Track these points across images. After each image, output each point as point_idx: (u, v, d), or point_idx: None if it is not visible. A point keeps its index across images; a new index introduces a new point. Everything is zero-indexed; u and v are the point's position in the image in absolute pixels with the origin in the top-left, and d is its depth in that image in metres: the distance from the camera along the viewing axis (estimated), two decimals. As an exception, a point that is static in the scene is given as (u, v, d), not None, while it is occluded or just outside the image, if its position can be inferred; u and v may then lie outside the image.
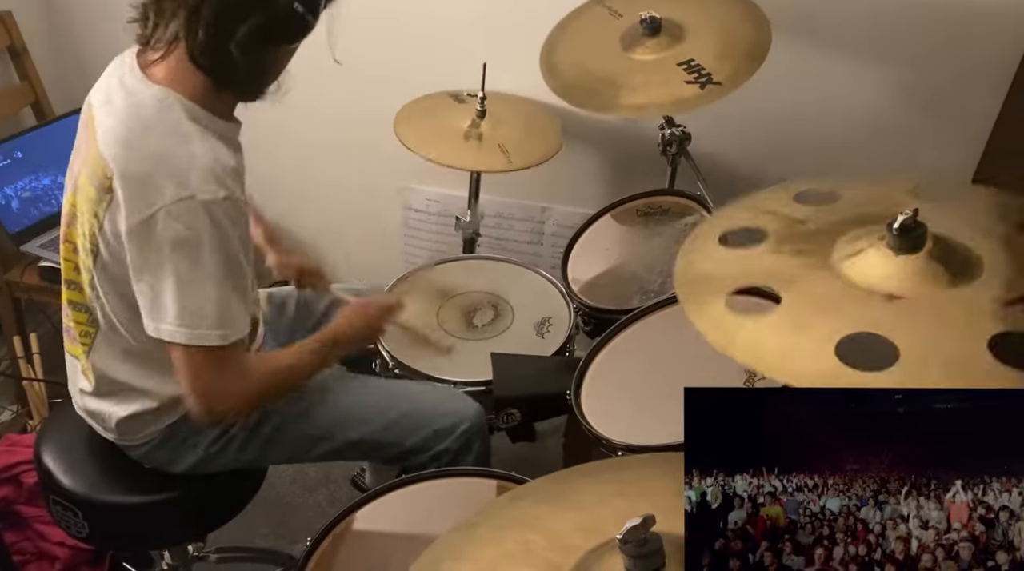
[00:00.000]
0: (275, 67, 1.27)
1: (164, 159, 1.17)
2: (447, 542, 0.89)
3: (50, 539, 1.78)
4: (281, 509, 2.12)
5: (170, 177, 1.16)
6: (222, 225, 1.18)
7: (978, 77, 1.83)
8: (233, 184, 1.21)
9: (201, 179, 1.17)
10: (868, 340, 0.84)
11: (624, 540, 0.73)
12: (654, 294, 1.69)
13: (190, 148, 1.19)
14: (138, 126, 1.20)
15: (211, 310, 1.20)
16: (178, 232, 1.16)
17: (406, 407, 1.50)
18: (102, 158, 1.21)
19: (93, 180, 1.22)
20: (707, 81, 1.58)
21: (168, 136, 1.19)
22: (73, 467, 1.45)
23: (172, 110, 1.20)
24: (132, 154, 1.18)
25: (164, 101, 1.21)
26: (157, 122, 1.20)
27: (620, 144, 2.13)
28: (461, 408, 1.50)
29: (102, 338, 1.34)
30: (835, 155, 2.00)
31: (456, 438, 1.47)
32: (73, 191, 1.30)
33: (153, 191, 1.16)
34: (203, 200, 1.16)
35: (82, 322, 1.35)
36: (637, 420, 1.36)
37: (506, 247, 2.31)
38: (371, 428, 1.48)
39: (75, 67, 2.45)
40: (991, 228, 0.98)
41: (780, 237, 1.02)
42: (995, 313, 0.84)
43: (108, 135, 1.21)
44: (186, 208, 1.16)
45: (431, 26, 2.11)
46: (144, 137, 1.19)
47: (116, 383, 1.36)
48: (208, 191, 1.17)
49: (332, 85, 2.03)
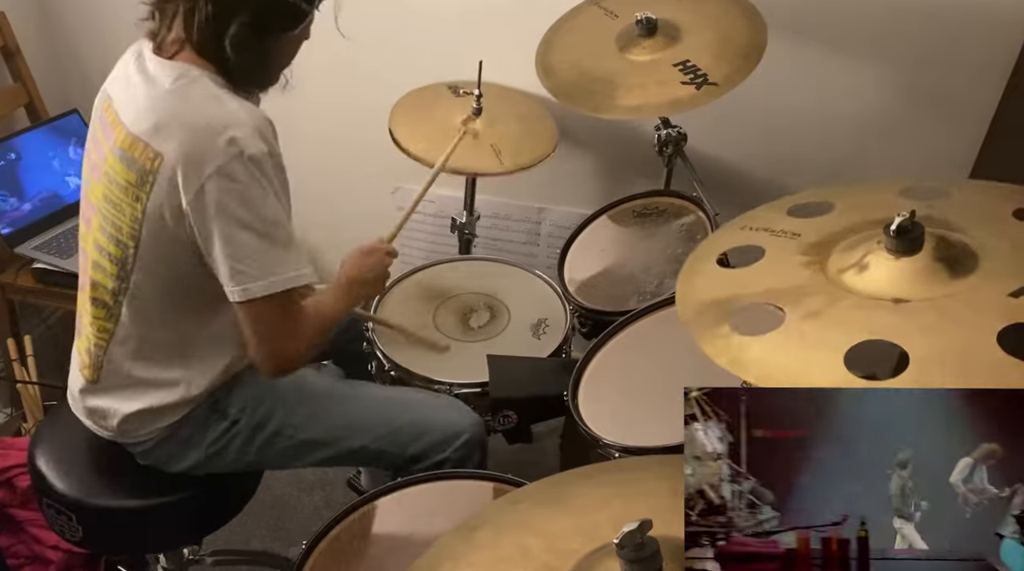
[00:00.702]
0: (282, 56, 1.30)
1: (206, 123, 1.19)
2: (444, 545, 0.89)
3: (44, 543, 1.77)
4: (277, 511, 2.11)
5: (217, 137, 1.18)
6: (272, 179, 1.22)
7: (975, 75, 1.83)
8: (274, 140, 1.24)
9: (247, 135, 1.19)
10: (876, 347, 0.84)
11: (621, 545, 0.73)
12: (650, 295, 1.68)
13: (228, 107, 1.21)
14: (171, 100, 1.22)
15: (279, 258, 1.23)
16: (233, 189, 1.18)
17: (407, 416, 1.50)
18: (139, 141, 1.22)
19: (131, 165, 1.23)
20: (703, 82, 1.58)
21: (203, 101, 1.21)
22: (67, 470, 1.44)
23: (199, 79, 1.23)
24: (173, 128, 1.20)
25: (188, 74, 1.23)
26: (189, 92, 1.22)
27: (616, 145, 2.13)
28: (461, 418, 1.50)
29: (122, 332, 1.34)
30: (832, 154, 2.00)
31: (456, 448, 1.47)
32: (102, 183, 1.29)
33: (202, 157, 1.18)
34: (251, 154, 1.18)
35: (100, 317, 1.35)
36: (634, 422, 1.36)
37: (502, 248, 2.30)
38: (372, 436, 1.48)
39: (69, 68, 2.43)
40: (984, 219, 0.98)
41: (778, 252, 1.02)
42: (1000, 306, 0.84)
43: (142, 117, 1.23)
44: (239, 165, 1.18)
45: (428, 26, 2.10)
46: (180, 109, 1.21)
47: (127, 378, 1.36)
48: (255, 146, 1.19)
49: (325, 85, 2.02)
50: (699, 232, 1.76)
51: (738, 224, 1.14)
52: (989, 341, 0.80)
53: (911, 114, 1.92)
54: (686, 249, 1.74)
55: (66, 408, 1.47)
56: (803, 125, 1.99)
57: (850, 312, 0.89)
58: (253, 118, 1.21)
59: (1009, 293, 0.84)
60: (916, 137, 1.94)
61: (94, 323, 1.37)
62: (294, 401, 1.46)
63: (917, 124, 1.93)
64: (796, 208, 1.12)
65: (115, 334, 1.35)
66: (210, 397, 1.40)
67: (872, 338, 0.85)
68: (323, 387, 1.52)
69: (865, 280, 0.91)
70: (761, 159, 2.06)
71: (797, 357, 0.87)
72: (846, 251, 0.97)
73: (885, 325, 0.86)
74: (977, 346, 0.80)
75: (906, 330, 0.84)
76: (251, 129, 1.20)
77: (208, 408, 1.41)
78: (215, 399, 1.41)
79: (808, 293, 0.93)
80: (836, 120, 1.97)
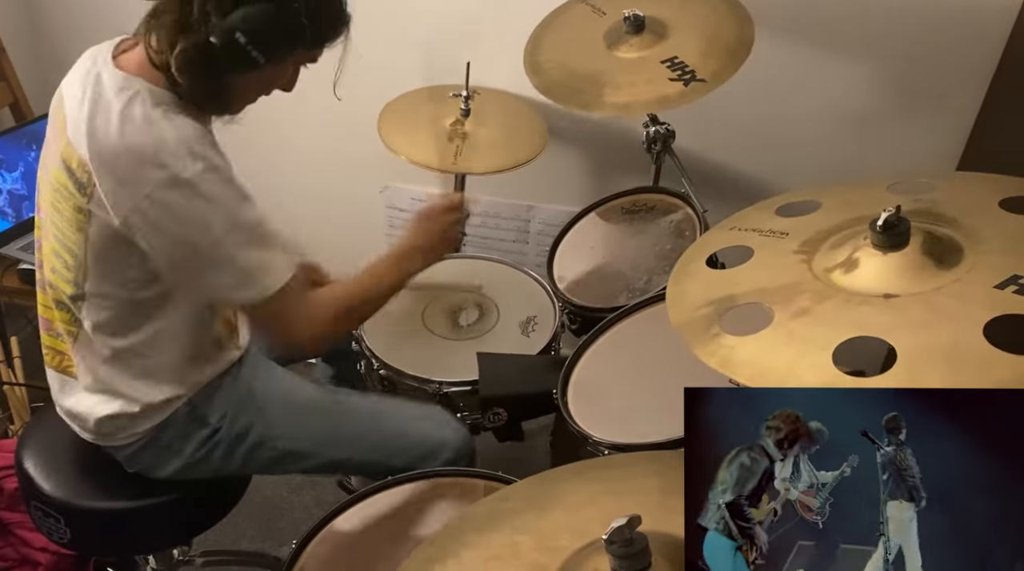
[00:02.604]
0: (234, 93, 1.24)
1: (136, 147, 1.15)
2: (435, 543, 0.89)
3: (32, 545, 1.76)
4: (267, 511, 2.10)
5: (145, 164, 1.14)
6: (214, 196, 1.17)
7: (961, 72, 1.84)
8: (211, 151, 1.19)
9: (178, 158, 1.14)
10: (864, 344, 0.84)
11: (610, 540, 0.73)
12: (640, 292, 1.69)
13: (158, 132, 1.16)
14: (104, 117, 1.17)
15: (242, 271, 1.21)
16: (177, 214, 1.16)
17: (392, 429, 1.48)
18: (76, 154, 1.19)
19: (71, 176, 1.21)
20: (691, 78, 1.58)
21: (137, 124, 1.16)
22: (55, 472, 1.43)
23: (138, 96, 1.18)
24: (105, 146, 1.16)
25: (127, 89, 1.18)
26: (125, 110, 1.17)
27: (605, 142, 2.13)
28: (447, 432, 1.48)
29: (84, 337, 1.32)
30: (818, 151, 2.00)
31: (444, 461, 1.45)
32: (49, 190, 1.27)
33: (134, 181, 1.15)
34: (186, 178, 1.15)
35: (66, 321, 1.34)
36: (624, 418, 1.36)
37: (491, 246, 2.30)
38: (355, 449, 1.46)
39: (53, 68, 2.40)
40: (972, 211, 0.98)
41: (767, 252, 1.03)
42: (986, 299, 0.84)
43: (81, 130, 1.19)
44: (175, 190, 1.14)
45: (418, 23, 2.09)
46: (111, 128, 1.16)
47: (99, 382, 1.34)
48: (188, 169, 1.15)
49: (315, 83, 2.01)
50: (688, 228, 1.76)
51: (727, 225, 1.15)
52: (975, 334, 0.80)
53: (898, 111, 1.93)
54: (675, 245, 1.74)
55: (53, 410, 1.46)
56: (790, 121, 2.00)
57: (839, 309, 0.89)
58: (182, 136, 1.16)
59: (995, 285, 0.84)
60: (903, 133, 1.95)
61: (59, 325, 1.34)
62: (276, 411, 1.43)
63: (904, 121, 1.93)
64: (784, 207, 1.12)
65: (79, 337, 1.32)
66: (188, 404, 1.37)
67: (860, 335, 0.85)
68: (306, 396, 1.49)
69: (854, 277, 0.92)
70: (749, 155, 2.07)
71: (785, 356, 0.87)
72: (834, 249, 0.97)
73: (873, 322, 0.86)
74: (964, 340, 0.80)
75: (894, 326, 0.85)
76: (182, 148, 1.15)
77: (188, 415, 1.38)
78: (193, 405, 1.38)
79: (797, 292, 0.93)
80: (823, 117, 1.97)
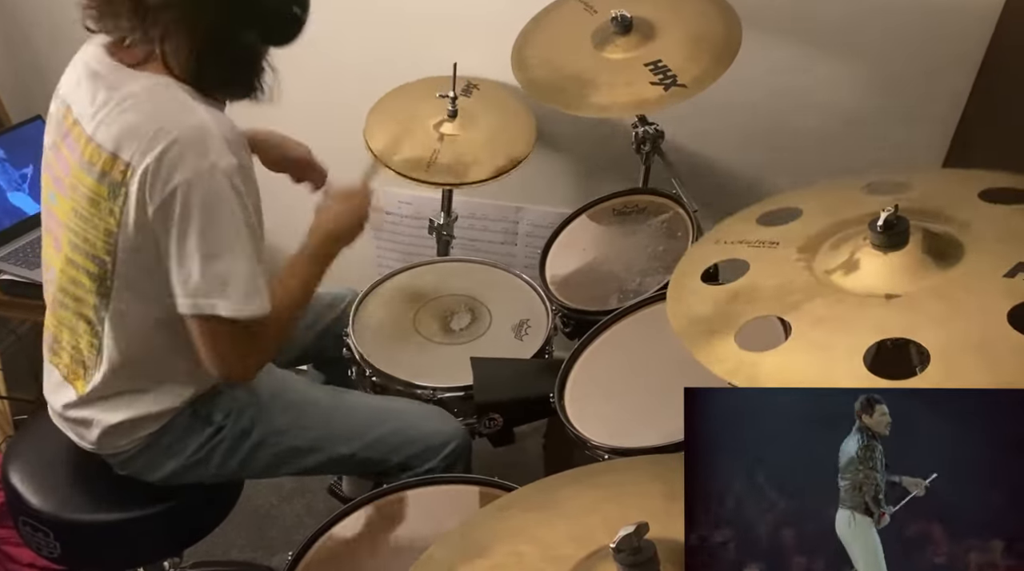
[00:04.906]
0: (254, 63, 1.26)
1: (178, 134, 1.16)
2: (435, 556, 0.88)
3: (19, 561, 1.74)
4: (258, 520, 2.08)
5: (188, 149, 1.15)
6: (240, 193, 1.18)
7: (946, 69, 1.85)
8: (244, 153, 1.21)
9: (217, 147, 1.16)
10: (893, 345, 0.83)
11: (618, 549, 0.72)
12: (632, 293, 1.68)
13: (199, 117, 1.18)
14: (142, 111, 1.18)
15: (238, 280, 1.19)
16: (202, 201, 1.16)
17: (393, 424, 1.48)
18: (105, 152, 1.19)
19: (101, 178, 1.20)
20: (672, 83, 1.58)
21: (174, 112, 1.18)
22: (42, 486, 1.41)
23: (169, 88, 1.20)
24: (144, 139, 1.16)
25: (158, 83, 1.20)
26: (159, 102, 1.19)
27: (593, 143, 2.12)
28: (446, 427, 1.50)
29: (108, 346, 1.30)
30: (809, 149, 2.01)
31: (443, 457, 1.46)
32: (69, 197, 1.25)
33: (172, 167, 1.15)
34: (223, 168, 1.16)
35: (86, 333, 1.31)
36: (622, 422, 1.35)
37: (479, 248, 2.29)
38: (357, 445, 1.46)
39: (32, 75, 2.38)
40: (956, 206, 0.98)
41: (763, 263, 1.01)
42: (999, 289, 0.84)
43: (112, 129, 1.19)
44: (208, 178, 1.15)
45: (407, 22, 2.07)
46: (151, 120, 1.17)
47: (114, 391, 1.33)
48: (225, 159, 1.16)
49: (302, 83, 1.99)
50: (679, 229, 1.76)
51: (712, 238, 1.13)
52: (1001, 324, 0.80)
53: (886, 106, 1.93)
54: (668, 246, 1.74)
55: (38, 422, 1.44)
56: (780, 120, 2.00)
57: (854, 313, 0.88)
58: (225, 130, 1.18)
59: (1004, 274, 0.84)
60: (889, 132, 1.96)
61: (81, 338, 1.32)
62: (279, 408, 1.44)
63: (890, 120, 1.94)
64: (765, 216, 1.11)
65: (101, 349, 1.31)
66: (192, 404, 1.38)
67: (886, 337, 0.84)
68: (309, 395, 1.50)
69: (856, 279, 0.91)
70: (738, 154, 2.07)
71: (815, 367, 0.85)
72: (832, 252, 0.96)
73: (894, 322, 0.85)
74: (991, 331, 0.80)
75: (916, 325, 0.84)
76: (221, 141, 1.17)
77: (190, 415, 1.38)
78: (196, 406, 1.38)
79: (807, 300, 0.92)
80: (812, 114, 1.98)
